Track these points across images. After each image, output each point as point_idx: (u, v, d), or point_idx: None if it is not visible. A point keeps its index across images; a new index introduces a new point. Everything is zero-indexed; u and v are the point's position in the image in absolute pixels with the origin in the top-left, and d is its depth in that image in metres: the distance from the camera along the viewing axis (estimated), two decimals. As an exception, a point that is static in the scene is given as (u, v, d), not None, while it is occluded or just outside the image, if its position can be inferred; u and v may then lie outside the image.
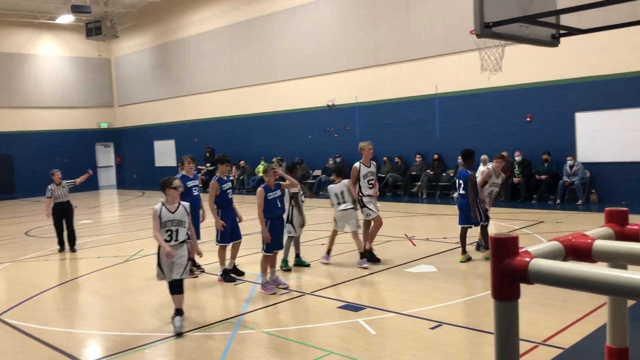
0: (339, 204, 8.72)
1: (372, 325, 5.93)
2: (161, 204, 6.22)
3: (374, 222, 8.97)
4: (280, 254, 8.12)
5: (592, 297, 5.85)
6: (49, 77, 28.80)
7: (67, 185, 11.31)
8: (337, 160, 19.76)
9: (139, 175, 29.82)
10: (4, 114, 27.30)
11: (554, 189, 14.81)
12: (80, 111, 29.90)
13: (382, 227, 9.09)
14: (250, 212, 8.37)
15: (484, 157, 11.33)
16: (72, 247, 11.39)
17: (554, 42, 5.70)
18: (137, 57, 29.31)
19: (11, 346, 6.03)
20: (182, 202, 6.33)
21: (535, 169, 15.39)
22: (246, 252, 9.19)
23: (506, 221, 12.06)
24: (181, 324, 6.02)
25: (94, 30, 25.11)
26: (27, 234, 14.50)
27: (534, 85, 15.43)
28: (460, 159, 9.84)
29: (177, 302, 6.14)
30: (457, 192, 9.17)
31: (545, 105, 15.31)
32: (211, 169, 23.55)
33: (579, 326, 5.58)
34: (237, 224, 8.37)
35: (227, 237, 8.20)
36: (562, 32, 5.68)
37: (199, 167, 21.34)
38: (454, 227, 12.43)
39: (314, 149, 20.93)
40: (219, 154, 8.70)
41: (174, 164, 26.61)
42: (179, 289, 6.15)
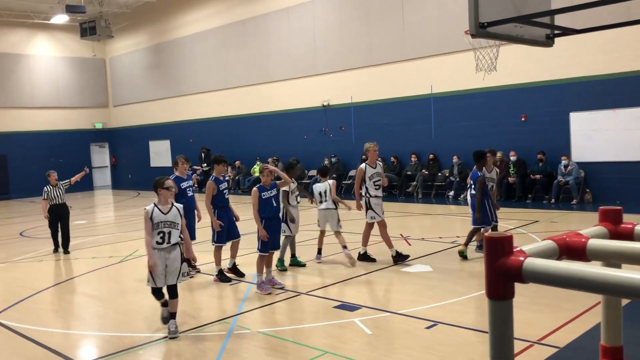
0: (321, 202, 8.98)
1: (368, 325, 5.93)
2: (153, 204, 6.00)
3: (378, 225, 8.87)
4: (276, 254, 8.12)
5: (587, 296, 5.87)
6: (44, 77, 28.69)
7: (63, 186, 11.22)
8: (333, 160, 19.80)
9: (134, 175, 29.76)
10: (-2, 114, 27.23)
11: (549, 189, 14.86)
12: (75, 111, 29.81)
13: (377, 227, 9.08)
14: (246, 212, 8.36)
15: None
16: (65, 249, 11.28)
17: (548, 42, 5.72)
18: (132, 57, 29.24)
19: (6, 347, 6.01)
20: (175, 204, 6.11)
21: (530, 168, 15.44)
22: (242, 252, 9.18)
23: (501, 221, 12.04)
24: (176, 328, 5.95)
25: (88, 30, 25.03)
26: (21, 234, 14.45)
27: (529, 85, 15.48)
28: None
29: (171, 306, 6.02)
30: (469, 192, 9.19)
31: (539, 105, 15.35)
32: (206, 169, 23.53)
33: (573, 325, 5.60)
34: (235, 223, 8.35)
35: (223, 237, 8.19)
36: (556, 32, 5.70)
37: (195, 167, 21.31)
38: (449, 226, 12.50)
39: (309, 149, 20.93)
40: (216, 154, 8.64)
41: (169, 164, 26.57)
42: (173, 293, 5.99)
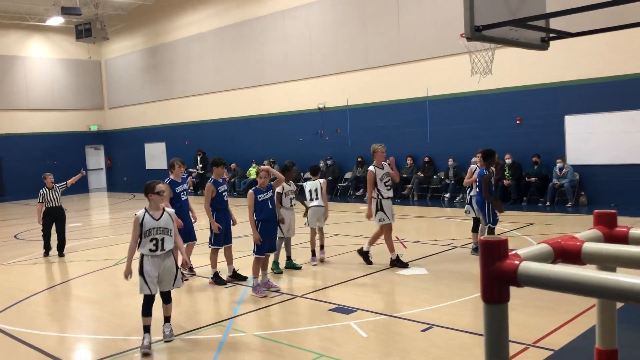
0: (312, 200, 9.21)
1: (363, 327, 5.93)
2: (144, 210, 5.78)
3: (384, 229, 8.81)
4: (271, 257, 8.12)
5: (582, 298, 5.87)
6: (39, 79, 28.62)
7: (59, 189, 11.11)
8: (329, 162, 19.82)
9: (130, 177, 29.69)
10: (-8, 116, 27.15)
11: (544, 191, 14.90)
12: (70, 113, 29.73)
13: (373, 230, 9.09)
14: (242, 214, 8.35)
15: (474, 159, 11.37)
16: (60, 252, 11.17)
17: (543, 45, 5.74)
18: (127, 59, 29.20)
19: (0, 351, 5.98)
20: (167, 209, 5.89)
21: (525, 171, 15.48)
22: (238, 254, 9.17)
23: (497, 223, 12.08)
24: (170, 331, 5.90)
25: (84, 32, 24.98)
26: (16, 237, 14.39)
27: (524, 88, 15.53)
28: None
29: (165, 311, 5.93)
30: (475, 191, 9.18)
31: (534, 108, 15.40)
32: (202, 172, 23.51)
33: (569, 327, 5.61)
34: (230, 228, 8.32)
35: (220, 240, 8.14)
36: (551, 35, 5.72)
37: (190, 170, 21.29)
38: (445, 229, 12.52)
39: (305, 152, 20.92)
40: (215, 157, 8.55)
41: (164, 166, 26.50)
42: (167, 299, 5.88)
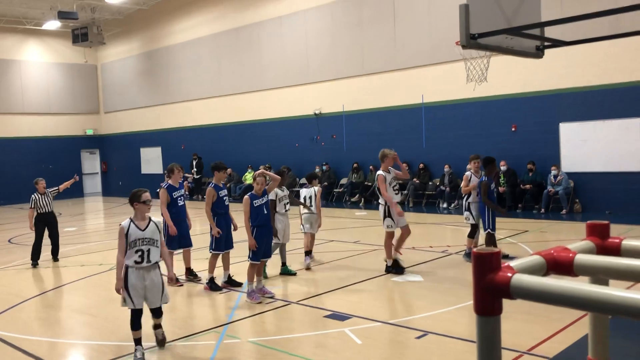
0: (306, 206, 9.44)
1: (358, 334, 5.93)
2: (129, 220, 5.52)
3: (386, 233, 8.75)
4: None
5: (576, 306, 5.89)
6: (35, 83, 28.55)
7: (51, 194, 10.99)
8: (324, 168, 19.82)
9: (125, 182, 29.61)
10: (-12, 120, 27.06)
11: (539, 199, 14.95)
12: (66, 117, 29.67)
13: (369, 236, 9.10)
14: (237, 219, 8.34)
15: (469, 165, 11.40)
16: (55, 257, 11.11)
17: (538, 53, 5.79)
18: (124, 63, 29.19)
19: (-7, 356, 5.95)
20: (153, 219, 5.61)
21: (520, 178, 15.52)
22: (233, 260, 9.15)
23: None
24: (163, 336, 5.81)
25: (80, 36, 24.99)
26: (9, 241, 14.33)
27: (519, 95, 15.59)
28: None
29: (157, 321, 5.79)
30: (475, 198, 9.27)
31: (529, 115, 15.46)
32: (197, 176, 23.47)
33: (562, 336, 5.62)
34: (231, 233, 8.29)
35: (221, 244, 8.10)
36: (546, 44, 5.77)
37: (186, 174, 21.24)
38: (440, 236, 12.53)
39: (301, 157, 20.94)
40: (216, 161, 8.43)
41: (160, 171, 26.49)
42: (158, 313, 5.69)
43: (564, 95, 14.77)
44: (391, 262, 8.70)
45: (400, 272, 8.59)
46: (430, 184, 17.57)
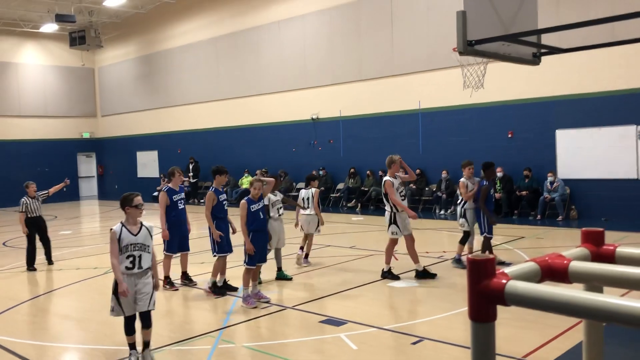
0: (304, 208, 9.74)
1: (354, 340, 5.92)
2: (121, 224, 5.35)
3: (390, 241, 8.71)
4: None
5: (571, 313, 5.89)
6: (32, 85, 28.50)
7: (41, 197, 10.81)
8: (321, 173, 19.83)
9: (121, 185, 29.53)
10: (-16, 122, 26.99)
11: (535, 205, 14.97)
12: (62, 120, 29.63)
13: (365, 241, 9.09)
14: (234, 224, 8.34)
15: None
16: (49, 260, 10.99)
17: (535, 60, 5.80)
18: (121, 67, 29.18)
19: (-14, 360, 5.92)
20: (145, 224, 5.44)
21: (516, 184, 15.56)
22: (228, 264, 9.13)
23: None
24: (152, 359, 5.55)
25: (77, 39, 24.97)
26: (4, 244, 14.27)
27: (516, 102, 15.64)
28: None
29: (144, 335, 5.45)
30: (472, 204, 9.32)
31: (526, 122, 15.51)
32: (194, 180, 23.45)
33: (557, 342, 5.62)
34: (229, 237, 8.25)
35: (224, 247, 8.06)
36: (543, 51, 5.79)
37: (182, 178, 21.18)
38: (437, 241, 12.52)
39: (297, 162, 20.95)
40: (217, 165, 8.40)
41: (156, 175, 26.44)
42: (147, 322, 5.40)
43: (561, 102, 14.82)
44: (388, 268, 8.69)
45: (396, 278, 8.58)
46: (427, 189, 17.58)
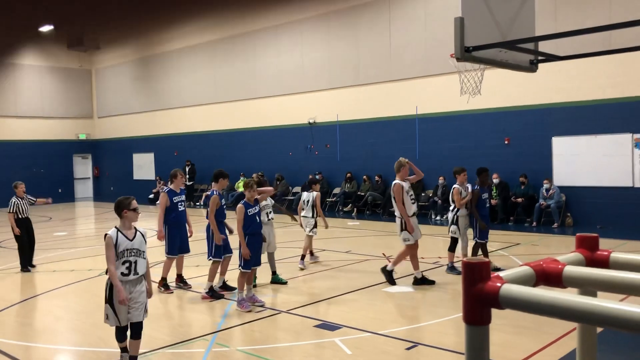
0: (303, 209, 10.19)
1: (348, 344, 5.91)
2: (116, 229, 5.14)
3: (408, 248, 8.55)
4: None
5: (565, 321, 5.91)
6: (28, 86, 28.45)
7: (28, 199, 10.69)
8: (317, 177, 19.82)
9: (117, 187, 29.48)
10: (-20, 123, 26.91)
11: (530, 212, 15.00)
12: (58, 122, 29.55)
13: (361, 246, 9.09)
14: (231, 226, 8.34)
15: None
16: (30, 262, 10.67)
17: (532, 67, 5.82)
18: (118, 69, 29.16)
19: (-22, 361, 5.89)
20: (139, 228, 5.26)
21: (512, 191, 15.59)
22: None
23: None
24: None
25: (75, 41, 24.94)
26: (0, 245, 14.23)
27: (512, 109, 15.69)
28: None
29: (134, 349, 5.26)
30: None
31: (523, 129, 15.55)
32: (189, 183, 23.40)
33: (552, 349, 5.62)
34: (228, 239, 8.29)
35: (220, 252, 8.07)
36: (540, 58, 5.81)
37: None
38: (432, 247, 12.51)
39: (294, 166, 20.95)
40: (220, 169, 8.42)
41: (152, 177, 26.41)
42: (138, 333, 5.20)
43: (557, 109, 14.88)
44: (420, 275, 8.49)
45: (392, 283, 8.58)
46: (422, 194, 17.60)
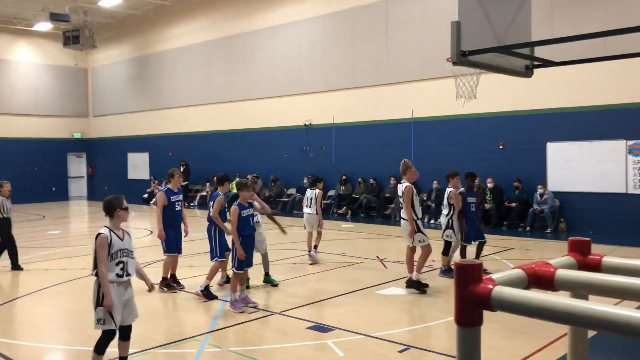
0: (306, 206, 10.42)
1: (340, 346, 5.90)
2: (108, 229, 5.01)
3: (422, 250, 8.34)
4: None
5: (557, 324, 5.92)
6: (23, 83, 28.36)
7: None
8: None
9: (111, 186, 29.36)
10: (-26, 120, 26.80)
11: (524, 216, 15.04)
12: (53, 120, 29.46)
13: (354, 248, 9.09)
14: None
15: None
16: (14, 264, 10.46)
17: (527, 72, 5.84)
18: (114, 68, 29.10)
19: (-32, 358, 5.86)
20: (124, 228, 5.16)
21: (506, 196, 15.63)
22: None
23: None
24: None
25: (71, 39, 24.86)
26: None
27: (508, 114, 15.73)
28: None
29: (124, 350, 5.16)
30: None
31: (518, 134, 15.60)
32: (184, 183, 23.36)
33: (544, 353, 5.64)
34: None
35: (224, 251, 8.12)
36: (535, 63, 5.83)
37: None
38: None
39: (289, 168, 20.95)
40: (225, 173, 8.52)
41: (147, 176, 26.34)
42: (128, 335, 5.12)
43: (552, 115, 14.93)
44: (416, 277, 8.29)
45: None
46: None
